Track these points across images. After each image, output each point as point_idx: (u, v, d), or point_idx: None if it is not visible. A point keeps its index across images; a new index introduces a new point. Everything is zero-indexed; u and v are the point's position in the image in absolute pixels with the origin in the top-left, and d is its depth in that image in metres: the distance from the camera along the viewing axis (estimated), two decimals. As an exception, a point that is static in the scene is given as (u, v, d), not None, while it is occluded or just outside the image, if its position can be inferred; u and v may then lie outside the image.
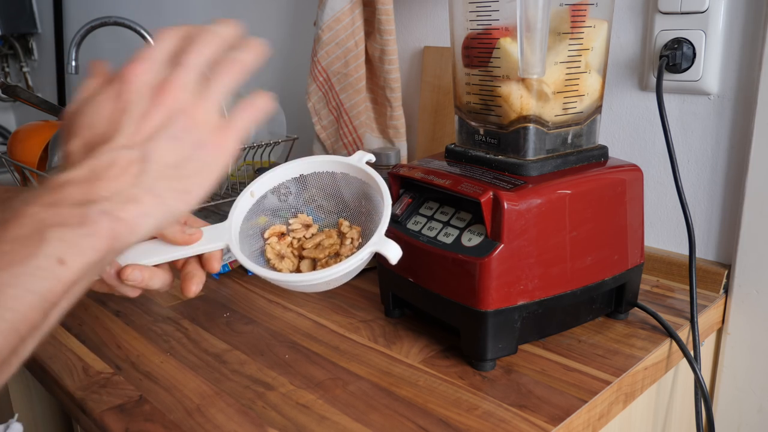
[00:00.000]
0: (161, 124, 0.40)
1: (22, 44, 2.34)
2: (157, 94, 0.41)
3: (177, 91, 0.41)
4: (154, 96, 0.41)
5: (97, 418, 0.58)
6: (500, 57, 0.63)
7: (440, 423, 0.55)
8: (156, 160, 0.40)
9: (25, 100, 1.12)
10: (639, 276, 0.70)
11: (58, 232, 0.36)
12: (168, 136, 0.40)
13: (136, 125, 0.40)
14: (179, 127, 0.41)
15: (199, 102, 0.42)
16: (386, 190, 0.52)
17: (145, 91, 0.41)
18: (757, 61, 0.72)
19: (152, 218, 0.40)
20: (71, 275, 0.36)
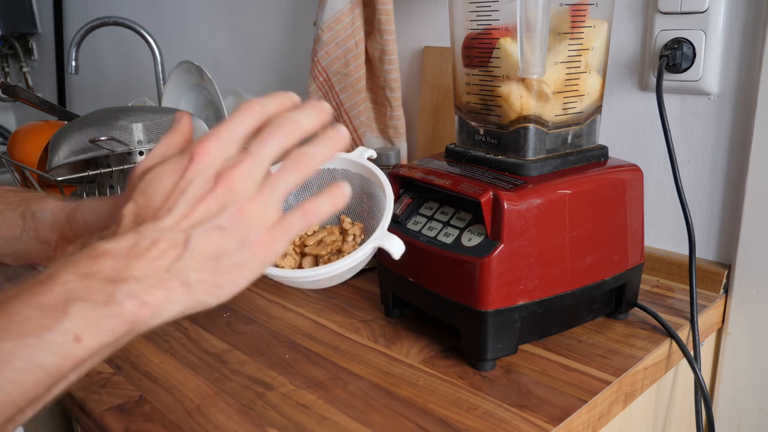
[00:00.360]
0: (212, 212, 0.39)
1: (22, 44, 2.34)
2: (218, 180, 0.39)
3: (238, 181, 0.39)
4: (214, 182, 0.39)
5: (97, 418, 0.58)
6: (500, 57, 0.63)
7: (440, 423, 0.55)
8: (197, 249, 0.38)
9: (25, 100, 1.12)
10: (639, 276, 0.70)
11: (82, 307, 0.35)
12: (215, 226, 0.39)
13: (188, 209, 0.39)
14: (229, 218, 0.39)
15: (258, 196, 0.40)
16: (388, 185, 0.52)
17: (207, 175, 0.39)
18: (757, 61, 0.72)
19: (177, 305, 0.39)
20: (84, 353, 0.36)
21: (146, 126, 0.89)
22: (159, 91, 1.33)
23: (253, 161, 0.40)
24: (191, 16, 1.57)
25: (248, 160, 0.40)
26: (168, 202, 0.39)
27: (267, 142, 0.41)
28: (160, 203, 0.39)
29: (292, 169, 0.41)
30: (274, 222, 0.41)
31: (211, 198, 0.39)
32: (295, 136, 0.42)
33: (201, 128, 0.95)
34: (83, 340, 0.35)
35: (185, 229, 0.39)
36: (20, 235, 0.54)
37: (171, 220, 0.39)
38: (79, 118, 0.92)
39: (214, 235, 0.39)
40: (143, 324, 0.38)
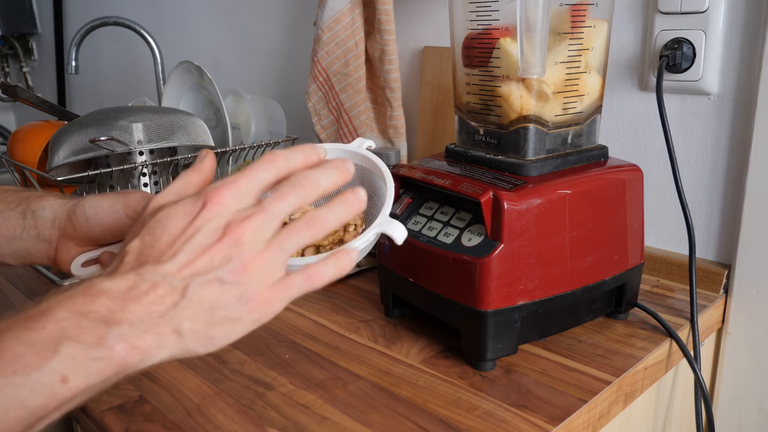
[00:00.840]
0: (215, 264, 0.39)
1: (22, 44, 2.34)
2: (226, 231, 0.39)
3: (246, 236, 0.39)
4: (222, 232, 0.39)
5: (97, 418, 0.58)
6: (500, 57, 0.63)
7: (440, 423, 0.55)
8: (194, 299, 0.38)
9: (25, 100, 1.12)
10: (639, 276, 0.70)
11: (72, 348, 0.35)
12: (215, 278, 0.38)
13: (192, 257, 0.38)
14: (231, 272, 0.39)
15: (264, 253, 0.40)
16: (388, 173, 0.52)
17: (217, 225, 0.39)
18: (757, 61, 0.72)
19: (166, 352, 0.38)
20: (69, 394, 0.35)
21: (146, 126, 0.89)
22: (159, 91, 1.33)
23: (265, 217, 0.40)
24: (191, 16, 1.57)
25: (260, 215, 0.39)
26: (173, 246, 0.39)
27: (283, 200, 0.40)
28: (165, 246, 0.39)
29: (303, 230, 0.41)
30: (276, 280, 0.40)
31: (217, 249, 0.39)
32: (313, 196, 0.41)
33: (201, 128, 0.95)
34: (70, 380, 0.35)
35: (185, 277, 0.38)
36: (21, 234, 0.54)
37: (173, 265, 0.38)
38: (79, 118, 0.92)
39: (213, 287, 0.39)
40: (131, 367, 0.38)
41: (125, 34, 1.40)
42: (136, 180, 0.92)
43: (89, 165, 0.94)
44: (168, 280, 0.38)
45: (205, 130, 0.97)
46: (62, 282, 0.86)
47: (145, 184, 0.93)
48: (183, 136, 0.92)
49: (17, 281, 0.88)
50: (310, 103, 1.09)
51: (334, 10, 0.99)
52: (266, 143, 1.04)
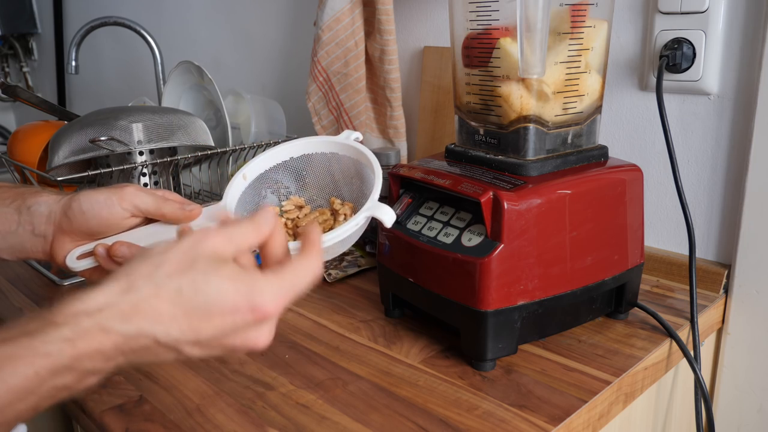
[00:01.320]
0: (223, 353, 0.42)
1: (22, 44, 2.34)
2: (245, 340, 0.42)
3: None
4: (243, 341, 0.42)
5: (97, 418, 0.58)
6: (500, 57, 0.63)
7: (440, 423, 0.55)
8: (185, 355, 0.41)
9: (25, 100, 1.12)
10: (639, 276, 0.70)
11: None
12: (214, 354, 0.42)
13: (213, 343, 0.41)
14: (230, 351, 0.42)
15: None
16: (376, 162, 0.53)
17: (249, 334, 0.42)
18: (757, 61, 0.72)
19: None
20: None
21: (146, 126, 0.89)
22: (159, 91, 1.33)
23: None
24: (191, 16, 1.57)
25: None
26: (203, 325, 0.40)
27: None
28: (197, 319, 0.40)
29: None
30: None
31: (237, 348, 0.42)
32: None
33: (201, 128, 0.95)
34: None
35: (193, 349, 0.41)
36: (16, 229, 0.54)
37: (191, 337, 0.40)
38: (79, 118, 0.92)
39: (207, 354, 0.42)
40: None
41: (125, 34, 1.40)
42: (136, 180, 0.92)
43: (89, 165, 0.94)
44: (180, 346, 0.40)
45: (205, 130, 0.97)
46: (62, 282, 0.86)
47: (145, 184, 0.93)
48: (183, 136, 0.92)
49: (17, 281, 0.88)
50: (310, 103, 1.09)
51: (334, 10, 0.99)
52: (266, 143, 1.04)
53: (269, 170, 0.58)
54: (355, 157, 0.55)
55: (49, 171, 0.90)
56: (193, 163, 1.07)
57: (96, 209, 0.52)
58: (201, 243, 0.41)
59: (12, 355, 0.36)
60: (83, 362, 0.38)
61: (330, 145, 0.56)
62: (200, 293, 0.39)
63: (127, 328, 0.38)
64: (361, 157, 0.54)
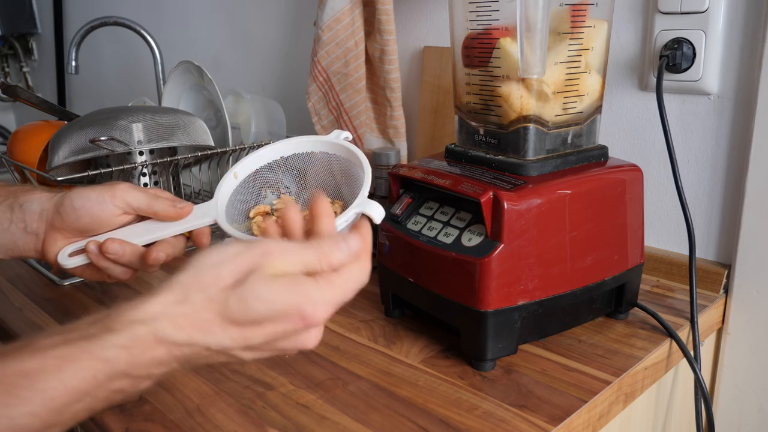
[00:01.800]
0: (273, 354, 0.43)
1: (22, 44, 2.34)
2: (295, 343, 0.42)
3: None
4: (293, 345, 0.42)
5: (97, 418, 0.58)
6: (500, 57, 0.63)
7: (440, 423, 0.55)
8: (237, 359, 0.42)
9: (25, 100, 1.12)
10: (639, 276, 0.70)
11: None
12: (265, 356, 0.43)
13: (262, 348, 0.42)
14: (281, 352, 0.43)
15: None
16: (365, 160, 0.53)
17: (298, 340, 0.42)
18: (757, 61, 0.72)
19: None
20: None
21: (146, 126, 0.89)
22: (159, 91, 1.33)
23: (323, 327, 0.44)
24: (191, 16, 1.56)
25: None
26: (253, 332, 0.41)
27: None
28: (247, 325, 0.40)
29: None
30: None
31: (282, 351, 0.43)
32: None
33: (201, 128, 0.95)
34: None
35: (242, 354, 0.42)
36: (8, 227, 0.55)
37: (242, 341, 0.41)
38: (79, 118, 0.92)
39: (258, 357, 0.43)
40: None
41: (125, 34, 1.40)
42: (136, 180, 0.92)
43: (89, 165, 0.94)
44: (232, 352, 0.41)
45: (205, 130, 0.97)
46: (62, 282, 0.86)
47: (145, 184, 0.93)
48: (183, 136, 0.92)
49: (17, 281, 0.88)
50: (310, 103, 1.09)
51: (334, 10, 0.99)
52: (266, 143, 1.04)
53: (265, 170, 0.58)
54: (344, 155, 0.56)
55: (49, 171, 0.90)
56: (193, 163, 1.07)
57: (88, 206, 0.53)
58: (260, 265, 0.41)
59: (71, 357, 0.38)
60: (139, 369, 0.39)
61: (321, 144, 0.57)
62: (250, 309, 0.40)
63: (179, 337, 0.39)
64: (351, 156, 0.55)
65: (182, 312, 0.40)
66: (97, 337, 0.38)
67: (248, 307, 0.40)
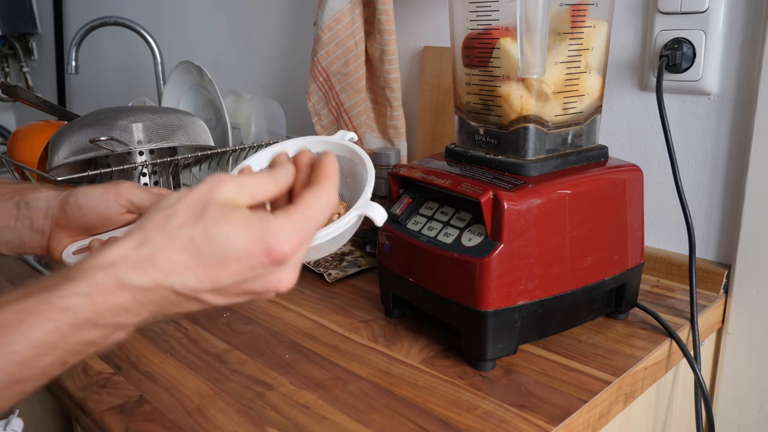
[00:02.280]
0: (247, 299, 0.42)
1: (22, 44, 2.34)
2: (266, 283, 0.41)
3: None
4: (264, 285, 0.41)
5: (97, 418, 0.58)
6: (500, 57, 0.63)
7: (440, 423, 0.55)
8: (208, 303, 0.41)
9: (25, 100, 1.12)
10: (639, 276, 0.70)
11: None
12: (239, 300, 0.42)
13: (231, 290, 0.41)
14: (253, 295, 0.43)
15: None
16: (369, 161, 0.53)
17: (269, 279, 0.41)
18: (757, 61, 0.72)
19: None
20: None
21: (146, 126, 0.89)
22: (159, 91, 1.33)
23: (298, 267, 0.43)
24: (191, 16, 1.56)
25: (297, 269, 0.43)
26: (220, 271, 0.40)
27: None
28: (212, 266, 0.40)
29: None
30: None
31: (252, 295, 0.42)
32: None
33: (201, 128, 0.95)
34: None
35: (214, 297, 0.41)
36: (14, 224, 0.55)
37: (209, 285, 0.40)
38: (79, 118, 0.92)
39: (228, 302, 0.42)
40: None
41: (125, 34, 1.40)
42: (136, 180, 0.92)
43: (89, 165, 0.94)
44: (200, 295, 0.40)
45: (205, 130, 0.97)
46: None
47: (145, 184, 0.93)
48: (183, 136, 0.92)
49: (17, 281, 0.88)
50: (310, 103, 1.09)
51: (334, 10, 0.99)
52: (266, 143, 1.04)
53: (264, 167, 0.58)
54: (349, 156, 0.56)
55: (49, 171, 0.90)
56: (193, 163, 1.07)
57: (92, 204, 0.53)
58: (213, 191, 0.40)
59: (31, 310, 0.37)
60: (105, 317, 0.38)
61: (325, 144, 0.57)
62: (212, 240, 0.39)
63: (142, 281, 0.38)
64: (354, 157, 0.55)
65: (143, 254, 0.39)
66: (57, 286, 0.37)
67: (210, 238, 0.39)
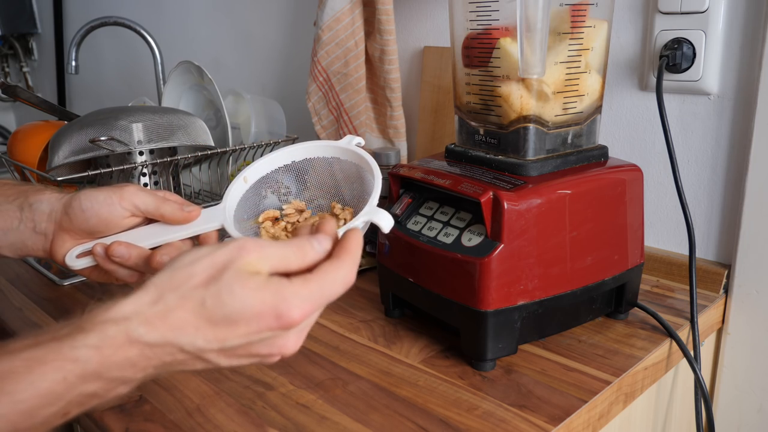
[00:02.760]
0: (252, 362, 0.42)
1: (22, 44, 2.34)
2: (272, 347, 0.41)
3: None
4: (270, 349, 0.41)
5: (97, 418, 0.58)
6: (500, 57, 0.63)
7: (440, 423, 0.55)
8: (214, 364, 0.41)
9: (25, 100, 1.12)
10: (639, 276, 0.70)
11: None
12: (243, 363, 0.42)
13: (236, 350, 0.40)
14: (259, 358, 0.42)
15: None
16: (376, 167, 0.53)
17: (276, 343, 0.41)
18: (757, 61, 0.72)
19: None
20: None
21: (146, 126, 0.89)
22: (159, 91, 1.33)
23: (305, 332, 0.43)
24: (191, 16, 1.57)
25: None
26: (228, 334, 0.40)
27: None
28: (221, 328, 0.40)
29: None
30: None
31: (260, 355, 0.42)
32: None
33: (201, 128, 0.95)
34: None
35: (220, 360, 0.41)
36: (18, 226, 0.55)
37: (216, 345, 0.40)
38: (79, 118, 0.92)
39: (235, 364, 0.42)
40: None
41: (125, 34, 1.40)
42: (136, 180, 0.92)
43: (89, 165, 0.94)
44: (207, 355, 0.40)
45: (205, 130, 0.97)
46: (62, 282, 0.86)
47: (145, 184, 0.93)
48: (183, 136, 0.92)
49: (17, 281, 0.88)
50: (310, 103, 1.09)
51: (334, 10, 0.99)
52: (266, 143, 1.04)
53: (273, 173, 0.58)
54: (356, 161, 0.55)
55: (49, 171, 0.90)
56: (193, 163, 1.07)
57: (96, 207, 0.53)
58: (234, 261, 0.40)
59: (41, 359, 0.37)
60: (111, 370, 0.38)
61: (332, 149, 0.56)
62: (224, 305, 0.39)
63: (152, 337, 0.38)
64: (362, 162, 0.55)
65: (155, 311, 0.39)
66: (68, 337, 0.38)
67: (222, 303, 0.39)
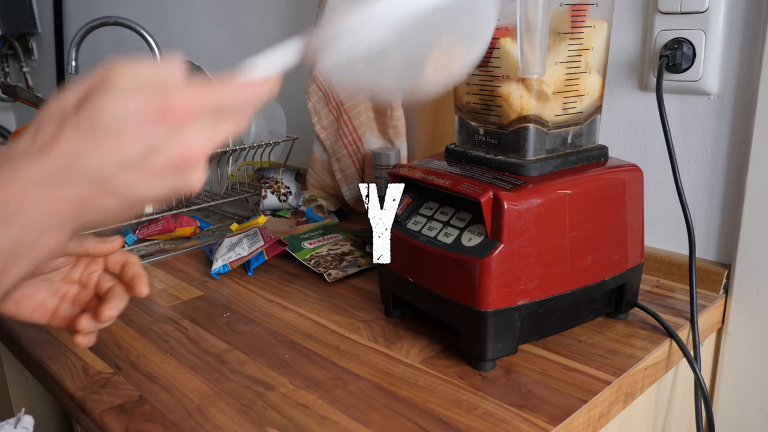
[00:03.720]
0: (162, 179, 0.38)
1: (22, 44, 2.34)
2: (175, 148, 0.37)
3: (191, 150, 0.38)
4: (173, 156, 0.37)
5: (97, 418, 0.58)
6: (500, 57, 0.63)
7: (440, 423, 0.55)
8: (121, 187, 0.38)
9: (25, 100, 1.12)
10: (639, 276, 0.70)
11: None
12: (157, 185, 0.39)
13: (139, 162, 0.37)
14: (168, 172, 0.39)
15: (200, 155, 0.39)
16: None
17: (173, 148, 0.37)
18: (757, 61, 0.72)
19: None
20: None
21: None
22: (159, 91, 1.33)
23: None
24: (191, 16, 1.57)
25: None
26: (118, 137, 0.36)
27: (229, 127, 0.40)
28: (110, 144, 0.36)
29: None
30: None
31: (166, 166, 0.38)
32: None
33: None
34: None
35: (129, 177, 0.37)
36: None
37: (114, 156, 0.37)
38: (79, 118, 0.92)
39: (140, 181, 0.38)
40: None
41: (125, 34, 1.40)
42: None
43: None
44: (109, 174, 0.37)
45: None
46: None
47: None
48: (183, 136, 0.91)
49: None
50: (310, 103, 1.09)
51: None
52: (266, 143, 1.04)
53: None
54: None
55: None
56: (193, 163, 1.07)
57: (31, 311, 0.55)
58: (106, 77, 0.38)
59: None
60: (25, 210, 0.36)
61: None
62: (103, 111, 0.36)
63: (43, 169, 0.36)
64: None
65: (38, 143, 0.36)
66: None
67: (102, 108, 0.36)
